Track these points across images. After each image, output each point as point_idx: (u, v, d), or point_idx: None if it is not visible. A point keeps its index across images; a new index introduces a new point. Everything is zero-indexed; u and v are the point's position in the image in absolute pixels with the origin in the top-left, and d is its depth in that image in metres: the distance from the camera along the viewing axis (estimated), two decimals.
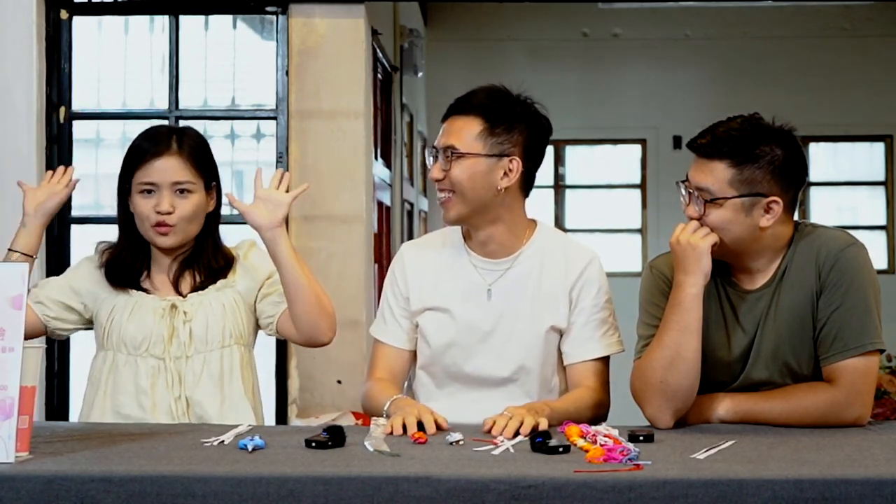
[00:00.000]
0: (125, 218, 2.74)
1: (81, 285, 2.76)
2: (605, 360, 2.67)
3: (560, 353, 2.67)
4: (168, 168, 2.66)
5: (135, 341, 2.68)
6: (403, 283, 2.72)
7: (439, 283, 2.69)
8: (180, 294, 2.72)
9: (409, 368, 2.75)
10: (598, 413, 2.58)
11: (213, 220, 2.76)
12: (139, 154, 2.69)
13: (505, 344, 2.64)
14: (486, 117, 2.59)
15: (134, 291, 2.73)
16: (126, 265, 2.73)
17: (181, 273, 2.74)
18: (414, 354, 2.74)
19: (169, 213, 2.66)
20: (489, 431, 2.27)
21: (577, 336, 2.64)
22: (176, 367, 2.67)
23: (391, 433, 2.28)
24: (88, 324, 2.79)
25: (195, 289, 2.73)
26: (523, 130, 2.61)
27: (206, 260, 2.74)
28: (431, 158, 2.64)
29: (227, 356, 2.71)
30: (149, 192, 2.67)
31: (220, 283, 2.74)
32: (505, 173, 2.59)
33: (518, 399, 2.56)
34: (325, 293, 2.71)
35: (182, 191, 2.67)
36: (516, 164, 2.60)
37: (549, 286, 2.65)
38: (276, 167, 4.45)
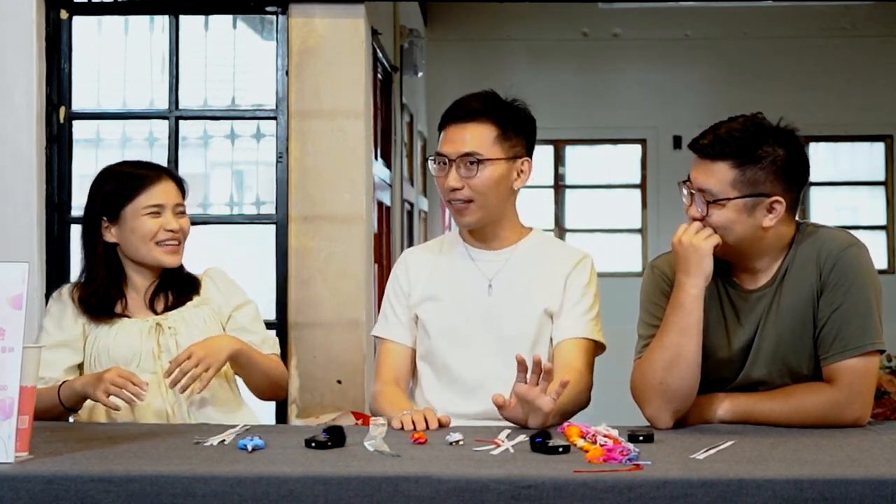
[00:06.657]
0: (104, 249, 2.81)
1: (70, 331, 2.79)
2: (592, 344, 2.68)
3: (551, 342, 2.70)
4: (170, 190, 2.84)
5: (125, 359, 2.73)
6: (406, 281, 2.77)
7: (439, 276, 2.75)
8: (155, 312, 2.81)
9: (413, 366, 2.78)
10: (586, 397, 2.61)
11: None
12: (137, 181, 2.80)
13: (502, 336, 2.67)
14: (498, 122, 2.65)
15: (114, 319, 2.80)
16: (101, 296, 2.80)
17: (156, 293, 2.83)
18: (416, 352, 2.77)
19: (177, 231, 2.81)
20: (501, 406, 2.34)
21: (566, 316, 2.68)
22: None
23: (402, 427, 2.34)
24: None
25: (169, 307, 2.82)
26: (526, 131, 2.70)
27: (176, 278, 2.85)
28: (437, 166, 2.67)
29: None
30: (157, 213, 2.79)
31: (196, 299, 2.85)
32: (518, 174, 2.67)
33: None
34: (278, 372, 2.85)
35: (181, 212, 2.85)
36: (528, 165, 2.69)
37: (545, 280, 2.70)
38: (276, 167, 4.45)
